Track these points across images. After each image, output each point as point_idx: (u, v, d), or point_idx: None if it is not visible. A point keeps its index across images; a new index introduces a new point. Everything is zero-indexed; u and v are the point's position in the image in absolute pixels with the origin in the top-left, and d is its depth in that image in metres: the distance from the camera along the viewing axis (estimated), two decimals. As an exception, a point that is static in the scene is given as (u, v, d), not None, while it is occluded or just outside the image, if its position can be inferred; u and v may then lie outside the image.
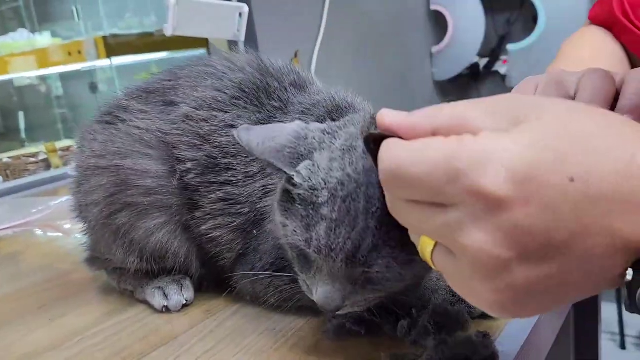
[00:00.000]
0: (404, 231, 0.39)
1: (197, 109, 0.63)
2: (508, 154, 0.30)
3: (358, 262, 0.45)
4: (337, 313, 0.49)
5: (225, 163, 0.61)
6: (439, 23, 2.73)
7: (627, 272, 0.30)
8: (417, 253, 0.40)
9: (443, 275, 0.38)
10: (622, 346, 2.46)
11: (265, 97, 0.63)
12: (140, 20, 2.48)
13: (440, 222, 0.33)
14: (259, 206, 0.60)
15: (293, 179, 0.46)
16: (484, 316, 0.55)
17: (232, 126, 0.61)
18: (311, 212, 0.45)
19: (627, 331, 2.47)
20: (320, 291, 0.48)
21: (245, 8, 1.42)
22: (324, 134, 0.49)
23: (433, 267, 0.37)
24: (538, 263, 0.30)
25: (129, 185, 0.63)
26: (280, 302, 0.61)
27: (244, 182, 0.60)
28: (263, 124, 0.61)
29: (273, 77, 0.64)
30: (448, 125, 0.34)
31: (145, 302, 0.68)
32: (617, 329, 2.48)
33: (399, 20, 2.54)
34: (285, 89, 0.63)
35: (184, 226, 0.65)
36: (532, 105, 0.33)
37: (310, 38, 2.00)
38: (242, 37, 1.42)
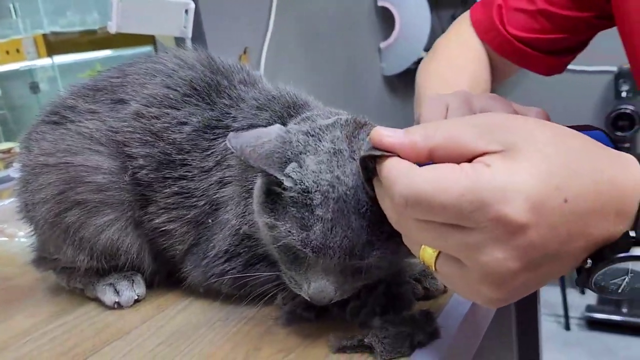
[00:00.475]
0: (391, 225, 0.44)
1: (147, 106, 0.64)
2: (524, 185, 0.35)
3: (353, 257, 0.48)
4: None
5: (180, 159, 0.62)
6: (386, 19, 2.77)
7: (588, 261, 0.38)
8: (402, 243, 0.45)
9: (442, 278, 0.43)
10: (567, 327, 2.58)
11: (216, 95, 0.64)
12: (82, 17, 2.41)
13: (457, 241, 0.38)
14: (214, 197, 0.61)
15: (283, 182, 0.48)
16: (427, 297, 0.58)
17: (185, 123, 0.63)
18: (305, 214, 0.48)
19: (570, 313, 2.59)
20: (314, 286, 0.51)
21: (191, 4, 1.41)
22: (307, 137, 0.51)
23: (432, 270, 0.42)
24: (535, 269, 0.37)
25: (79, 182, 0.63)
26: (233, 290, 0.61)
27: (200, 176, 0.62)
28: (216, 121, 0.63)
29: (223, 75, 0.65)
30: (445, 146, 0.39)
31: (97, 300, 0.68)
32: (561, 312, 2.60)
33: (347, 17, 2.57)
34: (235, 86, 0.65)
35: (136, 222, 0.65)
36: (522, 130, 0.38)
37: (258, 35, 2.00)
38: (189, 34, 1.41)
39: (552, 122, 0.40)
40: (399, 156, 0.40)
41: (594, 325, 2.50)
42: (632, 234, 0.36)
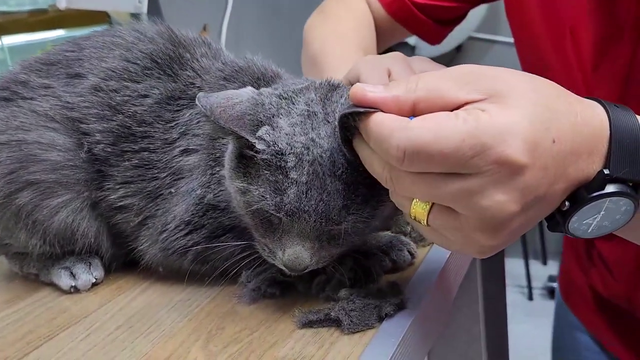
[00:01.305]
0: (368, 188, 0.46)
1: (106, 80, 0.61)
2: (520, 128, 0.36)
3: (329, 221, 0.47)
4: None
5: (141, 131, 0.60)
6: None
7: (566, 203, 0.39)
8: (379, 207, 0.47)
9: (431, 234, 0.43)
10: (530, 297, 2.65)
11: (178, 68, 0.62)
12: (32, -5, 2.31)
13: (455, 189, 0.37)
14: (177, 166, 0.59)
15: (255, 145, 0.47)
16: (394, 269, 0.57)
17: (146, 96, 0.61)
18: (279, 176, 0.47)
19: (533, 284, 2.66)
20: (289, 252, 0.49)
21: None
22: (280, 99, 0.50)
23: (423, 225, 0.42)
24: (528, 211, 0.38)
25: (32, 160, 0.60)
26: (196, 266, 0.59)
27: (163, 148, 0.60)
28: (180, 92, 0.61)
29: (185, 47, 0.63)
30: (426, 97, 0.39)
31: (52, 284, 0.65)
32: (524, 283, 2.67)
33: (308, -7, 2.53)
34: (197, 59, 0.63)
35: (93, 203, 0.62)
36: (502, 78, 0.39)
37: (218, 11, 1.94)
38: (145, 9, 1.36)
39: (520, 71, 0.40)
40: (382, 112, 0.40)
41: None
42: (606, 171, 0.38)
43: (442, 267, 0.57)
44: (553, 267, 2.75)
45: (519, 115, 0.36)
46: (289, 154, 0.47)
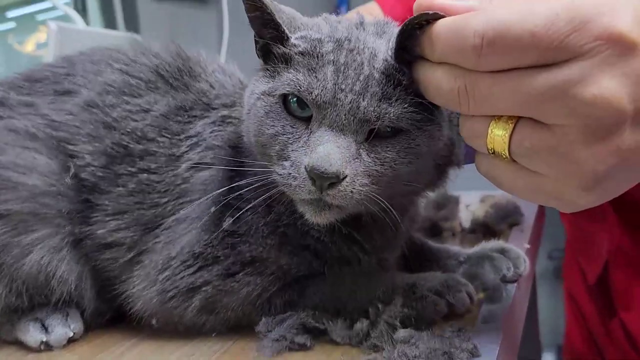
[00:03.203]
0: (415, 96, 0.40)
1: (102, 95, 0.54)
2: None
3: (368, 108, 0.40)
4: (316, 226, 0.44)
5: (141, 149, 0.52)
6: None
7: None
8: (427, 124, 0.41)
9: (514, 172, 0.35)
10: None
11: (189, 78, 0.55)
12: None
13: (549, 83, 0.31)
14: (184, 186, 0.50)
15: (290, 38, 0.43)
16: (451, 314, 0.47)
17: (148, 110, 0.53)
18: (315, 59, 0.42)
19: None
20: (320, 149, 0.40)
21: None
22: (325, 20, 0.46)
23: (504, 157, 0.35)
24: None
25: (4, 186, 0.50)
26: (202, 315, 0.48)
27: (167, 165, 0.51)
28: (192, 103, 0.54)
29: (195, 63, 0.57)
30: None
31: (16, 343, 0.52)
32: None
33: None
34: (212, 73, 0.56)
35: (75, 241, 0.52)
36: None
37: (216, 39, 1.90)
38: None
39: None
40: None
41: None
42: None
43: (508, 309, 0.48)
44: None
45: None
46: (328, 42, 0.42)
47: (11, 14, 2.06)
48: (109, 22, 1.60)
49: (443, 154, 0.45)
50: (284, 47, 0.43)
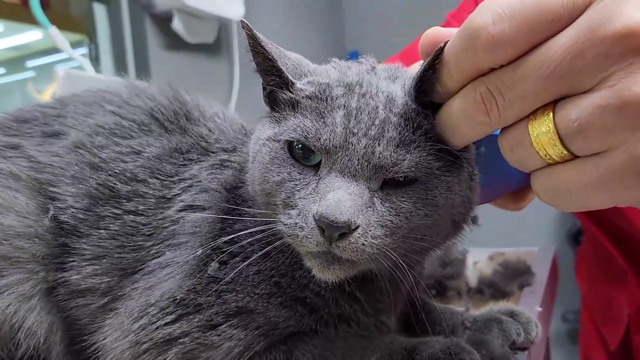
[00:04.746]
0: (434, 141, 0.37)
1: (92, 136, 0.52)
2: None
3: (383, 154, 0.36)
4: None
5: (129, 191, 0.49)
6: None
7: None
8: (448, 171, 0.38)
9: (573, 169, 0.31)
10: None
11: (187, 121, 0.53)
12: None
13: (573, 37, 0.29)
14: (171, 228, 0.47)
15: (295, 83, 0.41)
16: None
17: (139, 152, 0.51)
18: (323, 103, 0.39)
19: None
20: (330, 196, 0.36)
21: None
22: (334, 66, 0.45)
23: (559, 151, 0.31)
24: None
25: None
26: None
27: (156, 208, 0.48)
28: (190, 146, 0.52)
29: (193, 107, 0.55)
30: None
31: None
32: None
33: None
34: (210, 118, 0.55)
35: (48, 289, 0.48)
36: None
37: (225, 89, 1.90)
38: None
39: None
40: None
41: None
42: None
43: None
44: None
45: None
46: (338, 86, 0.40)
47: (31, 63, 2.11)
48: (121, 71, 1.62)
49: (460, 210, 0.41)
50: (290, 92, 0.41)
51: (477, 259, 0.83)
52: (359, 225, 0.36)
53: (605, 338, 0.80)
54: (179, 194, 0.49)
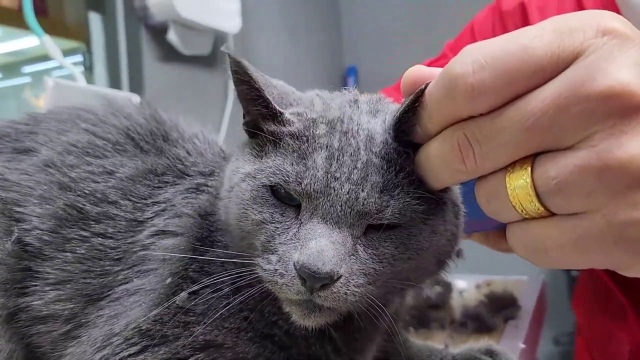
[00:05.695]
0: (418, 184, 0.36)
1: (62, 155, 0.50)
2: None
3: (367, 200, 0.35)
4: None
5: (98, 212, 0.47)
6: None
7: None
8: (431, 216, 0.37)
9: (552, 228, 0.30)
10: None
11: (164, 142, 0.51)
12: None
13: (556, 93, 0.28)
14: (141, 254, 0.45)
15: (282, 114, 0.39)
16: None
17: (111, 173, 0.49)
18: (305, 143, 0.37)
19: None
20: (312, 245, 0.35)
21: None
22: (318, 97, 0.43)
23: (534, 207, 0.30)
24: None
25: None
26: None
27: (126, 231, 0.46)
28: (165, 168, 0.50)
29: (171, 128, 0.53)
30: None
31: None
32: None
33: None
34: (189, 139, 0.52)
35: (8, 315, 0.46)
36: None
37: (214, 122, 1.88)
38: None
39: None
40: None
41: None
42: None
43: None
44: None
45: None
46: (320, 123, 0.38)
47: (27, 69, 2.10)
48: (114, 81, 1.61)
49: (445, 249, 0.40)
50: (274, 124, 0.39)
51: (464, 288, 0.81)
52: (341, 275, 0.35)
53: None
54: (151, 217, 0.47)
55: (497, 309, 0.69)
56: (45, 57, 2.04)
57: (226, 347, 0.42)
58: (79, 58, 1.70)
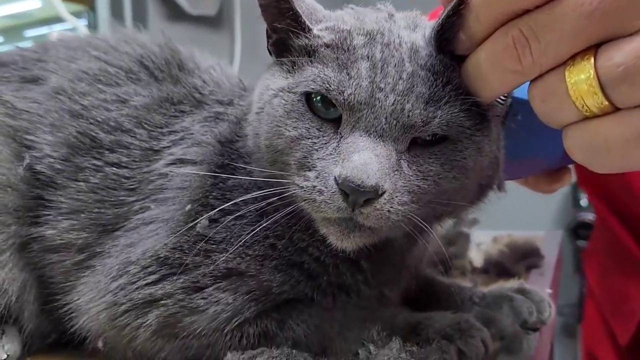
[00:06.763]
0: (465, 97, 0.34)
1: (73, 82, 0.48)
2: None
3: (412, 111, 0.34)
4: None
5: (112, 141, 0.45)
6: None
7: None
8: (480, 129, 0.36)
9: (617, 122, 0.28)
10: None
11: (179, 71, 0.49)
12: None
13: None
14: (158, 182, 0.43)
15: (312, 29, 0.37)
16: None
17: (126, 101, 0.47)
18: (345, 53, 0.36)
19: None
20: (355, 158, 0.33)
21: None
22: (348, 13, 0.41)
23: (598, 102, 0.28)
24: None
25: None
26: (157, 340, 0.40)
27: (141, 160, 0.45)
28: (182, 97, 0.48)
29: (187, 58, 0.51)
30: None
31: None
32: None
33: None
34: (206, 70, 0.50)
35: (21, 245, 0.45)
36: None
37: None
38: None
39: None
40: None
41: None
42: None
43: None
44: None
45: None
46: (358, 33, 0.36)
47: (29, 32, 2.07)
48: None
49: (488, 173, 0.39)
50: (306, 38, 0.37)
51: (481, 241, 0.79)
52: (385, 190, 0.33)
53: (615, 332, 0.76)
54: (168, 146, 0.45)
55: (519, 258, 0.67)
56: (47, 20, 2.01)
57: (249, 275, 0.40)
58: (82, 22, 1.67)
